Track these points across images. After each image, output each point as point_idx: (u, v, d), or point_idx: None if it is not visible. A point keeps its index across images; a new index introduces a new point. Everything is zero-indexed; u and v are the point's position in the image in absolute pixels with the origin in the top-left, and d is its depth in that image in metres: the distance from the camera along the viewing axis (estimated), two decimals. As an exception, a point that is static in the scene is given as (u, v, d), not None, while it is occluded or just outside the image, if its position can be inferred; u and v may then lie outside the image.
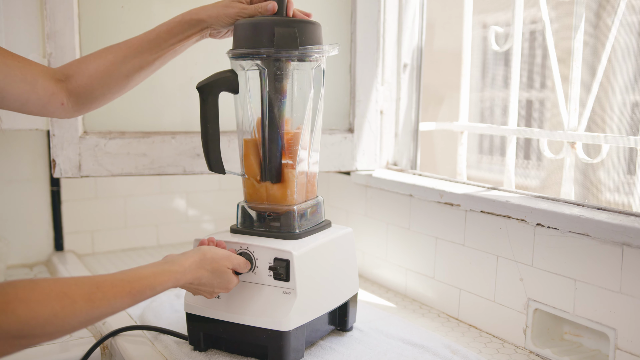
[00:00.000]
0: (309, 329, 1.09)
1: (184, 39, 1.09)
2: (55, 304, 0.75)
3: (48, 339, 0.76)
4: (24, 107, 1.00)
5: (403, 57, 1.61)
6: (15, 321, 0.71)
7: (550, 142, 1.37)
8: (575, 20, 1.28)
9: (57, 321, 0.75)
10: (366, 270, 1.61)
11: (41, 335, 0.74)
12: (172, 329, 1.18)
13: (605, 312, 1.04)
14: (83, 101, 1.06)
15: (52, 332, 0.75)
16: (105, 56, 1.07)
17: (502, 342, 1.22)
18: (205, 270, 0.98)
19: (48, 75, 1.02)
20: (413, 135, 1.63)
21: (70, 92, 1.04)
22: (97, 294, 0.80)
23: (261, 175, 1.12)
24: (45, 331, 0.74)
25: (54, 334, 0.76)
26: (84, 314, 0.78)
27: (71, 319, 0.76)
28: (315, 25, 1.10)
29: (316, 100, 1.14)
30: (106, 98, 1.09)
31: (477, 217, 1.26)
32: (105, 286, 0.82)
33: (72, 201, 1.76)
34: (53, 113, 1.05)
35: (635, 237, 0.97)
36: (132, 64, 1.07)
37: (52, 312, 0.74)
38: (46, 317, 0.73)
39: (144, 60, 1.07)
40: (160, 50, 1.08)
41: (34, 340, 0.74)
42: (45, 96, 1.01)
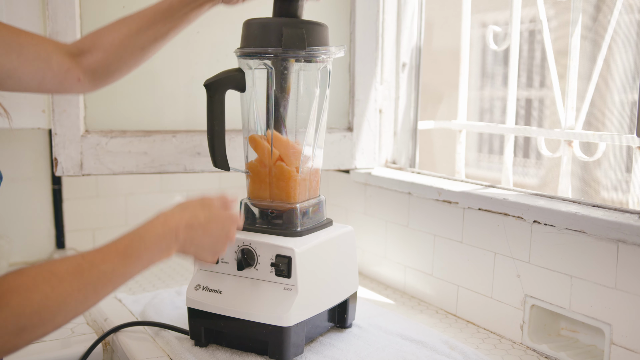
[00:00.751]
0: (309, 325, 1.11)
1: (197, 7, 1.06)
2: (45, 286, 0.72)
3: (51, 327, 0.73)
4: (41, 85, 0.98)
5: (402, 56, 1.62)
6: (11, 314, 0.69)
7: (547, 141, 1.38)
8: (572, 19, 1.29)
9: (51, 303, 0.72)
10: (365, 267, 1.62)
11: (41, 324, 0.72)
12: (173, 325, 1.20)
13: (600, 308, 1.05)
14: (99, 76, 1.05)
15: (50, 317, 0.72)
16: (120, 29, 1.05)
17: (500, 337, 1.23)
18: (197, 207, 0.91)
19: (62, 50, 1.01)
20: (412, 134, 1.64)
21: (86, 67, 1.03)
22: (84, 265, 0.76)
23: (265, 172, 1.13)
24: (43, 318, 0.71)
25: (53, 319, 0.73)
26: (77, 290, 0.74)
27: (65, 298, 0.73)
28: (323, 26, 1.11)
29: (321, 100, 1.15)
30: (122, 72, 1.07)
31: (475, 215, 1.27)
32: (90, 255, 0.78)
33: (73, 199, 1.77)
34: (71, 89, 1.03)
35: (630, 234, 0.99)
36: (146, 36, 1.05)
37: (43, 295, 0.71)
38: (39, 301, 0.71)
39: (158, 31, 1.05)
40: (174, 20, 1.06)
41: (36, 331, 0.72)
42: (60, 72, 0.99)
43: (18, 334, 0.70)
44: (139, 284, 1.54)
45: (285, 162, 1.12)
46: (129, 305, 1.34)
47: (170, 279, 1.59)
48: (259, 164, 1.14)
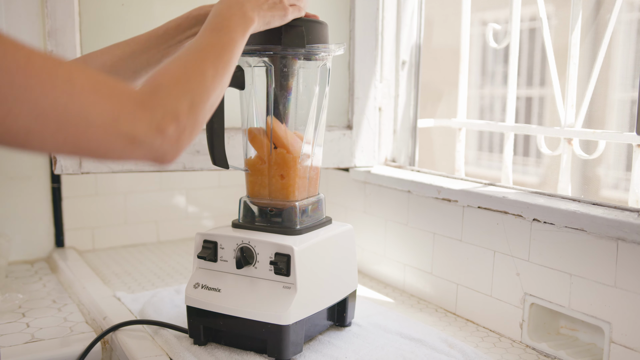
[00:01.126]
0: (308, 324, 1.11)
1: (192, 35, 1.08)
2: (176, 61, 0.78)
3: (209, 92, 0.78)
4: None
5: (401, 54, 1.62)
6: (175, 97, 0.73)
7: (547, 139, 1.38)
8: (572, 17, 1.29)
9: (191, 71, 0.77)
10: (365, 265, 1.62)
11: (198, 92, 0.76)
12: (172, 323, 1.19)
13: (600, 306, 1.05)
14: None
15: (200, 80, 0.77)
16: (113, 52, 1.06)
17: (499, 336, 1.23)
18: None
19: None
20: (411, 132, 1.64)
21: None
22: (192, 49, 0.83)
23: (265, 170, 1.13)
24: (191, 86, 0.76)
25: (204, 82, 0.78)
26: (204, 59, 0.80)
27: (200, 62, 0.79)
28: (323, 24, 1.11)
29: (321, 98, 1.15)
30: None
31: (475, 213, 1.27)
32: (189, 45, 0.83)
33: (72, 198, 1.77)
34: None
35: (630, 232, 0.98)
36: (140, 60, 1.06)
37: (179, 68, 0.78)
38: (178, 74, 0.76)
39: (152, 56, 1.06)
40: (169, 47, 1.07)
41: (198, 105, 0.76)
42: None
43: (191, 109, 0.74)
44: (138, 283, 1.54)
45: (286, 150, 1.12)
46: (127, 303, 1.33)
47: (169, 277, 1.59)
48: (258, 161, 1.14)
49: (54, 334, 1.22)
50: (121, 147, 0.67)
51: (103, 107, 0.65)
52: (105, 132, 0.65)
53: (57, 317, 1.31)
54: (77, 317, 1.31)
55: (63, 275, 1.57)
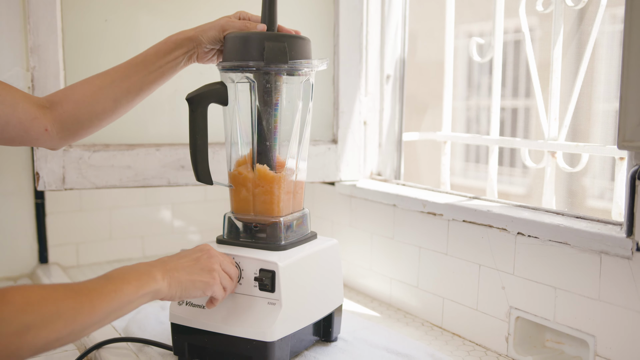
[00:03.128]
0: (294, 340, 1.10)
1: (172, 61, 1.08)
2: (40, 290, 0.76)
3: (53, 332, 0.75)
4: (4, 131, 0.97)
5: (386, 68, 1.63)
6: (13, 310, 0.71)
7: (532, 151, 1.39)
8: (554, 31, 1.30)
9: (49, 304, 0.75)
10: (351, 279, 1.62)
11: (42, 324, 0.73)
12: (157, 341, 1.18)
13: (584, 320, 1.05)
14: (69, 127, 1.04)
15: (49, 317, 0.74)
16: (93, 81, 1.05)
17: (485, 350, 1.23)
18: (185, 255, 0.98)
19: (31, 100, 1.00)
20: (397, 146, 1.65)
21: (55, 118, 1.02)
22: (72, 285, 0.81)
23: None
24: (44, 316, 0.73)
25: (53, 321, 0.74)
26: (71, 297, 0.78)
27: (62, 301, 0.76)
28: (305, 40, 1.11)
29: (304, 113, 1.15)
30: (93, 124, 1.06)
31: (460, 227, 1.28)
32: (79, 283, 0.82)
33: (56, 213, 1.76)
34: (36, 140, 1.02)
35: (613, 245, 0.99)
36: (119, 88, 1.05)
37: (40, 295, 0.75)
38: (38, 298, 0.74)
39: (132, 84, 1.06)
40: (149, 74, 1.07)
41: (39, 332, 0.73)
42: (26, 120, 0.98)
43: (22, 333, 0.71)
44: (123, 299, 1.52)
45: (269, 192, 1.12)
46: (112, 320, 1.32)
47: (154, 293, 1.57)
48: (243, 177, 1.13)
49: (37, 352, 1.21)
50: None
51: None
52: None
53: (40, 335, 1.29)
54: (61, 335, 1.29)
55: (47, 292, 1.55)
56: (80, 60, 1.34)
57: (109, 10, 1.35)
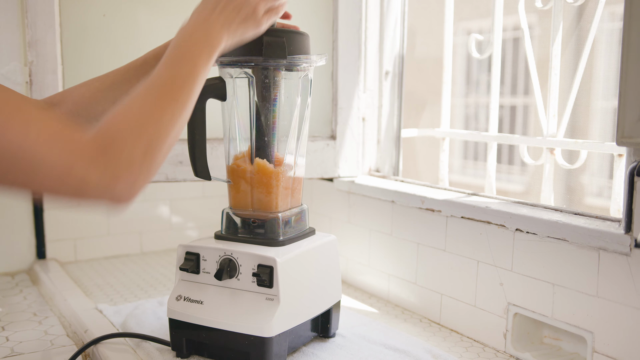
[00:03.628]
0: (292, 336, 1.10)
1: None
2: (129, 103, 0.77)
3: (164, 135, 0.77)
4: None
5: (385, 64, 1.62)
6: (130, 144, 0.73)
7: (530, 148, 1.39)
8: (553, 28, 1.30)
9: (145, 113, 0.76)
10: (349, 276, 1.62)
11: (155, 136, 0.76)
12: (154, 336, 1.18)
13: (582, 316, 1.05)
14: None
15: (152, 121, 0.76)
16: (92, 84, 1.05)
17: (483, 346, 1.23)
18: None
19: (29, 102, 1.00)
20: (395, 142, 1.65)
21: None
22: (151, 84, 0.81)
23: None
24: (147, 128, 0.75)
25: (158, 124, 0.77)
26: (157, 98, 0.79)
27: (152, 104, 0.78)
28: (304, 35, 1.11)
29: (303, 108, 1.15)
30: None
31: (458, 223, 1.27)
32: (149, 78, 0.81)
33: (54, 209, 1.75)
34: None
35: (611, 241, 0.99)
36: (119, 91, 1.04)
37: (137, 111, 0.77)
38: (136, 117, 0.76)
39: (131, 86, 1.05)
40: (148, 76, 1.07)
41: (154, 146, 0.75)
42: None
43: (146, 155, 0.74)
44: (121, 294, 1.52)
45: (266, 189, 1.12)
46: (109, 316, 1.32)
47: (152, 289, 1.57)
48: (241, 173, 1.13)
49: (34, 347, 1.21)
50: (73, 193, 0.69)
51: (57, 159, 0.67)
52: (57, 180, 0.67)
53: (38, 330, 1.29)
54: (58, 330, 1.29)
55: (44, 287, 1.55)
56: (78, 55, 1.33)
57: (107, 4, 1.35)
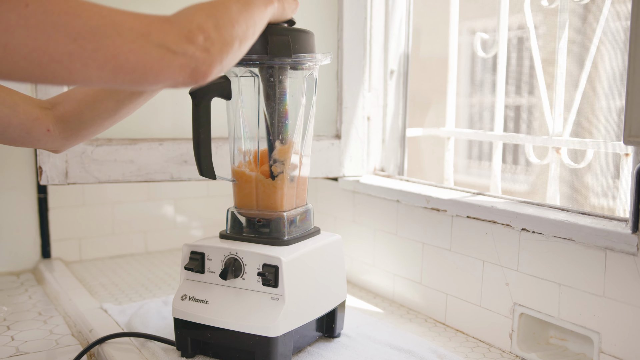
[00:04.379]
0: (297, 335, 1.10)
1: None
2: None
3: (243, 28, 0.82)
4: (5, 132, 0.96)
5: (390, 63, 1.62)
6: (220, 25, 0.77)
7: (536, 148, 1.38)
8: (559, 27, 1.30)
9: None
10: (354, 275, 1.62)
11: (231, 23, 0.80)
12: (159, 336, 1.18)
13: (589, 316, 1.05)
14: (72, 128, 1.03)
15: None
16: None
17: (489, 346, 1.22)
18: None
19: (31, 101, 1.00)
20: (400, 141, 1.64)
21: (57, 118, 1.01)
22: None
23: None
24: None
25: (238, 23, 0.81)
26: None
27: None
28: (309, 34, 1.10)
29: (308, 107, 1.15)
30: (96, 125, 1.05)
31: (463, 223, 1.27)
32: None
33: (59, 208, 1.76)
34: (39, 141, 1.01)
35: (618, 241, 0.98)
36: (123, 90, 1.03)
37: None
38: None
39: None
40: None
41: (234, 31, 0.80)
42: (27, 121, 0.98)
43: (216, 26, 0.77)
44: (126, 294, 1.52)
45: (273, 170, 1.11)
46: (114, 315, 1.32)
47: (157, 288, 1.57)
48: (246, 172, 1.13)
49: (40, 347, 1.21)
50: (157, 59, 0.71)
51: (133, 24, 0.70)
52: (140, 45, 0.70)
53: (43, 329, 1.29)
54: (63, 330, 1.29)
55: (49, 286, 1.55)
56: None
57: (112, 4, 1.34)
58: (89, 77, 0.68)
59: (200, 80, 0.76)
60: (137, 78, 0.71)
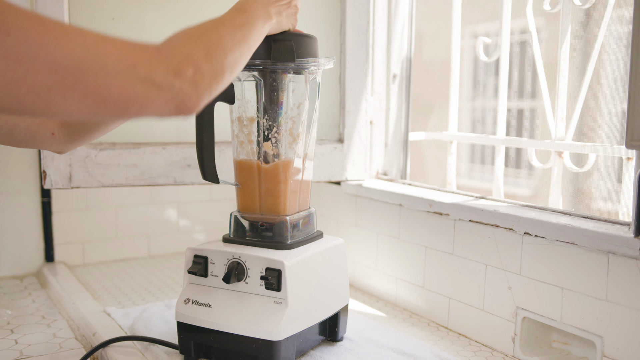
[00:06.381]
0: (300, 339, 1.10)
1: None
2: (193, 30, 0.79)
3: (222, 58, 0.79)
4: (11, 135, 0.97)
5: (392, 67, 1.62)
6: (196, 57, 0.75)
7: (538, 152, 1.38)
8: (561, 31, 1.30)
9: (213, 42, 0.79)
10: (357, 279, 1.62)
11: (214, 54, 0.77)
12: (162, 339, 1.18)
13: (592, 320, 1.05)
14: (76, 131, 1.03)
15: (215, 49, 0.78)
16: None
17: (491, 350, 1.22)
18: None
19: None
20: (403, 145, 1.64)
21: (61, 121, 1.02)
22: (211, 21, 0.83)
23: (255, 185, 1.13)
24: (215, 50, 0.78)
25: (220, 51, 0.79)
26: (217, 30, 0.81)
27: (216, 34, 0.80)
28: (312, 38, 1.11)
29: (311, 111, 1.15)
30: (100, 128, 1.06)
31: (466, 226, 1.27)
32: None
33: (63, 212, 1.76)
34: (43, 144, 1.02)
35: (620, 245, 0.98)
36: None
37: (201, 38, 0.78)
38: (207, 43, 0.78)
39: None
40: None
41: (215, 59, 0.77)
42: (33, 124, 0.98)
43: (207, 56, 0.76)
44: (129, 298, 1.52)
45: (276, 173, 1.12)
46: (118, 319, 1.32)
47: (160, 292, 1.58)
48: (249, 176, 1.13)
49: (43, 350, 1.21)
50: (142, 93, 0.68)
51: (119, 55, 0.67)
52: (124, 79, 0.67)
53: (47, 333, 1.30)
54: (67, 333, 1.30)
55: (53, 290, 1.56)
56: (87, 59, 1.34)
57: (116, 8, 1.35)
58: (69, 109, 0.65)
59: (187, 113, 0.74)
60: (119, 111, 0.68)
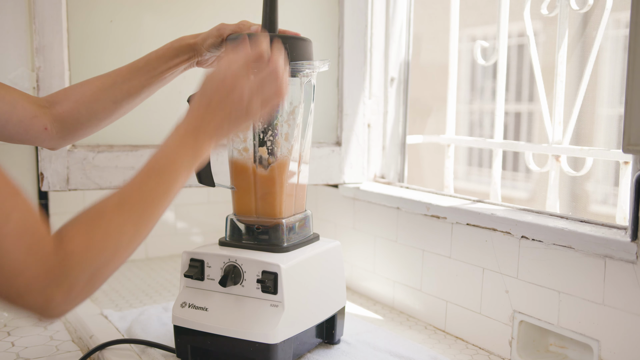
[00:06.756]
0: (297, 342, 1.10)
1: (173, 67, 1.09)
2: (98, 230, 0.72)
3: (117, 263, 0.74)
4: (4, 129, 0.97)
5: (390, 70, 1.63)
6: (81, 270, 0.69)
7: (535, 155, 1.38)
8: (558, 35, 1.30)
9: (109, 242, 0.72)
10: (354, 282, 1.62)
11: (105, 265, 0.72)
12: (159, 343, 1.18)
13: (588, 324, 1.05)
14: (69, 127, 1.04)
15: (112, 254, 0.72)
16: (93, 82, 1.06)
17: (489, 354, 1.22)
18: (211, 91, 0.87)
19: (29, 99, 1.00)
20: (400, 148, 1.64)
21: (55, 117, 1.02)
22: (124, 194, 0.76)
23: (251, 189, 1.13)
24: (107, 258, 0.72)
25: (117, 255, 0.73)
26: (127, 222, 0.74)
27: (120, 233, 0.73)
28: (307, 41, 1.11)
29: (306, 115, 1.15)
30: (92, 124, 1.07)
31: (463, 230, 1.27)
32: (129, 184, 0.77)
33: (60, 214, 1.76)
34: (36, 139, 1.02)
35: (617, 249, 0.99)
36: (120, 90, 1.06)
37: (100, 238, 0.71)
38: (99, 247, 0.71)
39: (132, 86, 1.06)
40: (150, 78, 1.08)
41: (103, 272, 0.72)
42: (26, 118, 0.98)
43: (90, 281, 0.70)
44: (126, 300, 1.52)
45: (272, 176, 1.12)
46: (115, 322, 1.32)
47: (157, 294, 1.57)
48: (245, 179, 1.13)
49: (40, 353, 1.21)
50: (14, 293, 0.66)
51: (18, 255, 0.65)
52: (6, 274, 0.65)
53: (43, 335, 1.29)
54: (64, 336, 1.29)
55: (49, 292, 1.55)
56: (85, 61, 1.34)
57: (114, 10, 1.35)
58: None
59: (46, 321, 0.71)
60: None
